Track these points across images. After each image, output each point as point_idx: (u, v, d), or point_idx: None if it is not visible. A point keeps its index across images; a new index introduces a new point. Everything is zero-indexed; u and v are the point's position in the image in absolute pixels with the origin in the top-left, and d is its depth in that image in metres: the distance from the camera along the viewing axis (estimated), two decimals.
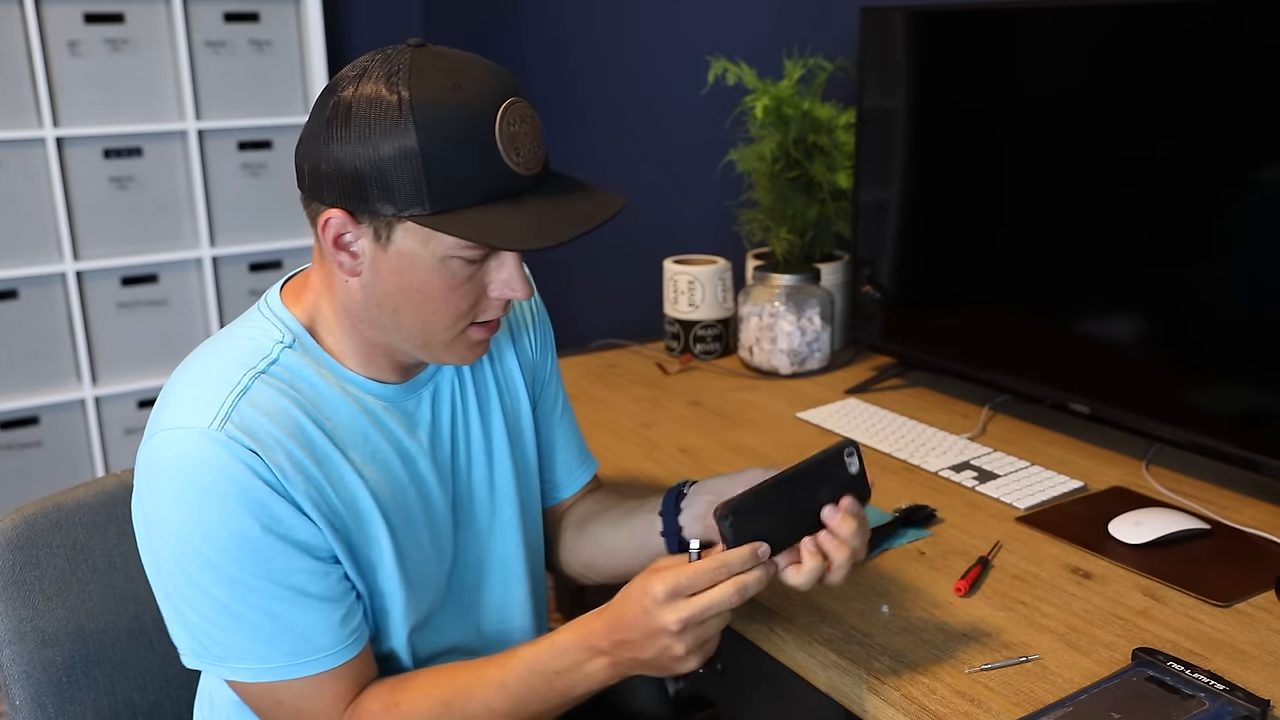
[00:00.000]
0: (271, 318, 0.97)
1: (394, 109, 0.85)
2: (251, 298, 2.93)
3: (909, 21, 1.58)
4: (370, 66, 0.88)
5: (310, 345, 0.96)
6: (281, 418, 0.91)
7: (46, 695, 1.10)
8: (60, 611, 1.11)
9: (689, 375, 1.81)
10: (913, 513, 1.25)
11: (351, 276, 0.92)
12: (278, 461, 0.89)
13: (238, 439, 0.88)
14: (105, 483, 1.17)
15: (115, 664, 1.15)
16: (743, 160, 1.82)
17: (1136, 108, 1.31)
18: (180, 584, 0.90)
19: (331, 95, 0.89)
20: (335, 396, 0.95)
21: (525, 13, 2.83)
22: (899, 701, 0.95)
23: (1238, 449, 1.27)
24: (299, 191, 0.94)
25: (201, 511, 0.87)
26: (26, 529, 1.10)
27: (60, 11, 2.59)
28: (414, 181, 0.85)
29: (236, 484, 0.87)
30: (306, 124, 0.92)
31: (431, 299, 0.91)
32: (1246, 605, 1.08)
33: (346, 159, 0.87)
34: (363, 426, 0.96)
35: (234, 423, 0.88)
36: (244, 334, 0.96)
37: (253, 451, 0.88)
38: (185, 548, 0.88)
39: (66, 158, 2.66)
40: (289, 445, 0.90)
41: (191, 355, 0.97)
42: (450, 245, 0.89)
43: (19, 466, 2.75)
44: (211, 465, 0.87)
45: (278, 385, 0.92)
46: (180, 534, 0.88)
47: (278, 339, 0.95)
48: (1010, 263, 1.52)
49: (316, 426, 0.93)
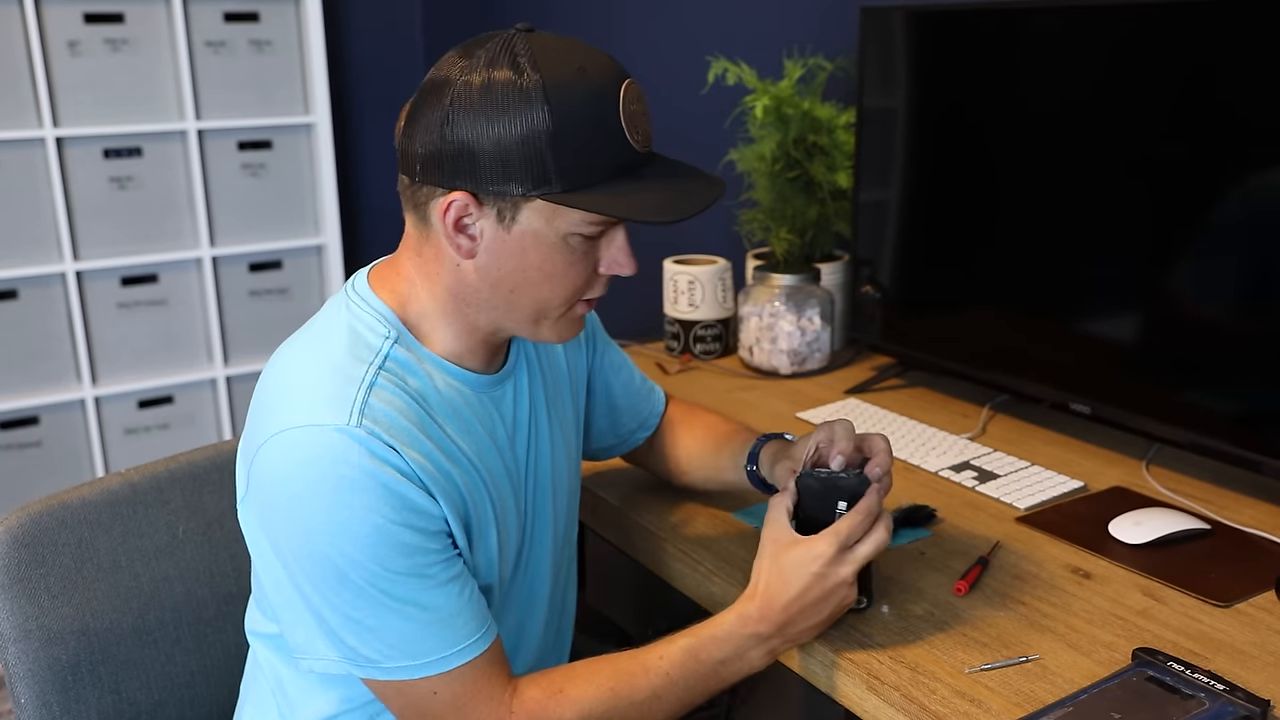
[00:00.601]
0: (368, 309, 0.97)
1: (527, 92, 0.87)
2: (252, 297, 2.94)
3: (909, 21, 1.58)
4: (485, 52, 0.90)
5: (408, 337, 0.97)
6: (406, 413, 0.92)
7: (51, 693, 1.10)
8: (65, 610, 1.11)
9: (689, 375, 1.81)
10: (913, 513, 1.25)
11: (467, 259, 0.94)
12: (412, 454, 0.90)
13: (376, 434, 0.88)
14: (110, 481, 1.17)
15: (120, 662, 1.15)
16: (743, 160, 1.82)
17: (1137, 107, 1.31)
18: (323, 589, 0.90)
19: (449, 81, 0.90)
20: (440, 391, 0.97)
21: (525, 13, 2.83)
22: (899, 701, 0.95)
23: (1238, 449, 1.27)
24: (405, 179, 0.95)
25: (345, 509, 0.87)
26: (32, 527, 1.10)
27: (60, 11, 2.59)
28: (543, 161, 0.87)
29: (376, 479, 0.88)
30: (414, 111, 0.93)
31: (552, 276, 0.93)
32: (1246, 605, 1.08)
33: (475, 141, 0.88)
34: (466, 418, 0.98)
35: (369, 418, 0.89)
36: (347, 327, 0.96)
37: (390, 446, 0.89)
38: (329, 548, 0.88)
39: (66, 158, 2.66)
40: (418, 438, 0.91)
41: (288, 351, 0.97)
42: (576, 222, 0.91)
43: (19, 466, 2.75)
44: (351, 461, 0.87)
45: (395, 381, 0.93)
46: (322, 535, 0.88)
47: (384, 334, 0.95)
48: (1010, 262, 1.52)
49: (432, 419, 0.94)
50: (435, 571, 0.91)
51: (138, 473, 1.19)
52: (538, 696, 0.95)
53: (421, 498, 0.90)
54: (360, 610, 0.90)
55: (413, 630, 0.91)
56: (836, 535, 0.95)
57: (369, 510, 0.87)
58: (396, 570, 0.89)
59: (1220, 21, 1.22)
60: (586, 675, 0.96)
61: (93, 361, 2.79)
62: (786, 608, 0.95)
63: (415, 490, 0.90)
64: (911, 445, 1.47)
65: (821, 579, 0.95)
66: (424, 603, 0.91)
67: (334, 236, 2.99)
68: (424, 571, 0.90)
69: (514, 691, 0.95)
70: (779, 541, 0.97)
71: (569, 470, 1.14)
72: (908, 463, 1.42)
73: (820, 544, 0.95)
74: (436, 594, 0.91)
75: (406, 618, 0.90)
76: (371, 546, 0.88)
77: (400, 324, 0.97)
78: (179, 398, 2.91)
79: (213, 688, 1.23)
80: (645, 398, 1.29)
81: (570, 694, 0.95)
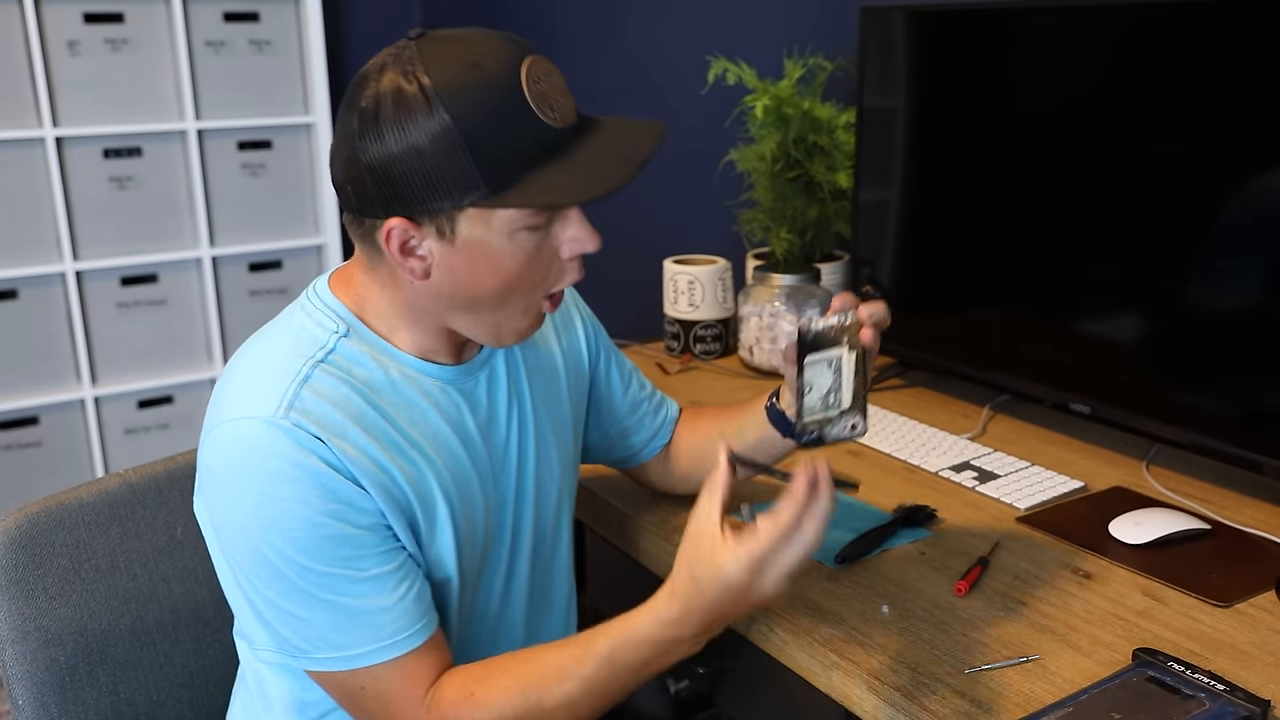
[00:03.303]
0: (323, 307, 0.97)
1: (420, 100, 0.84)
2: (251, 297, 2.94)
3: (909, 21, 1.58)
4: (377, 70, 0.87)
5: (364, 332, 0.96)
6: (343, 404, 0.91)
7: (49, 695, 1.10)
8: (63, 611, 1.11)
9: (689, 375, 1.81)
10: (913, 513, 1.25)
11: (422, 279, 0.92)
12: (343, 446, 0.89)
13: (303, 425, 0.88)
14: (108, 482, 1.17)
15: (118, 664, 1.15)
16: (743, 160, 1.82)
17: (1137, 107, 1.31)
18: (255, 579, 0.91)
19: (354, 105, 0.88)
20: (394, 381, 0.96)
21: (524, 13, 2.83)
22: (899, 701, 0.94)
23: (1238, 449, 1.27)
24: (347, 214, 0.93)
25: (273, 501, 0.87)
26: (30, 528, 1.10)
27: (60, 11, 2.59)
28: (462, 167, 0.85)
29: (304, 470, 0.87)
30: (334, 144, 0.91)
31: (508, 278, 0.91)
32: (1247, 605, 1.08)
33: (389, 163, 0.86)
34: (422, 409, 0.97)
35: (297, 410, 0.88)
36: (297, 325, 0.96)
37: (317, 438, 0.88)
38: (259, 540, 0.89)
39: (66, 158, 2.66)
40: (352, 430, 0.90)
41: (243, 349, 0.97)
42: (513, 219, 0.88)
43: (18, 467, 2.75)
44: (278, 453, 0.87)
45: (337, 373, 0.92)
46: (252, 526, 0.88)
47: (333, 329, 0.95)
48: (1010, 262, 1.52)
49: (377, 412, 0.93)
50: (367, 565, 0.91)
51: (136, 473, 1.19)
52: (450, 699, 0.93)
53: (351, 490, 0.89)
54: (291, 601, 0.90)
55: (340, 622, 0.90)
56: (749, 555, 0.85)
57: (296, 501, 0.87)
58: (325, 562, 0.89)
59: (1221, 22, 1.22)
60: (498, 677, 0.94)
61: (92, 361, 2.79)
62: (705, 614, 0.88)
63: (343, 482, 0.89)
64: (911, 445, 1.47)
65: (738, 594, 0.86)
66: (353, 596, 0.90)
67: (334, 236, 2.99)
68: (353, 565, 0.90)
69: (435, 694, 0.94)
70: (700, 544, 0.88)
71: (561, 465, 1.11)
72: (908, 463, 1.42)
73: (732, 563, 0.85)
74: (366, 588, 0.91)
75: (333, 609, 0.90)
76: (300, 539, 0.88)
77: (357, 320, 0.96)
78: (179, 398, 2.91)
79: (211, 689, 1.22)
80: (656, 409, 1.26)
81: (480, 697, 0.93)
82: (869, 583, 1.13)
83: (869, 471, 1.39)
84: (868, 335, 1.01)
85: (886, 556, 1.18)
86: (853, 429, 1.03)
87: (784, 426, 1.12)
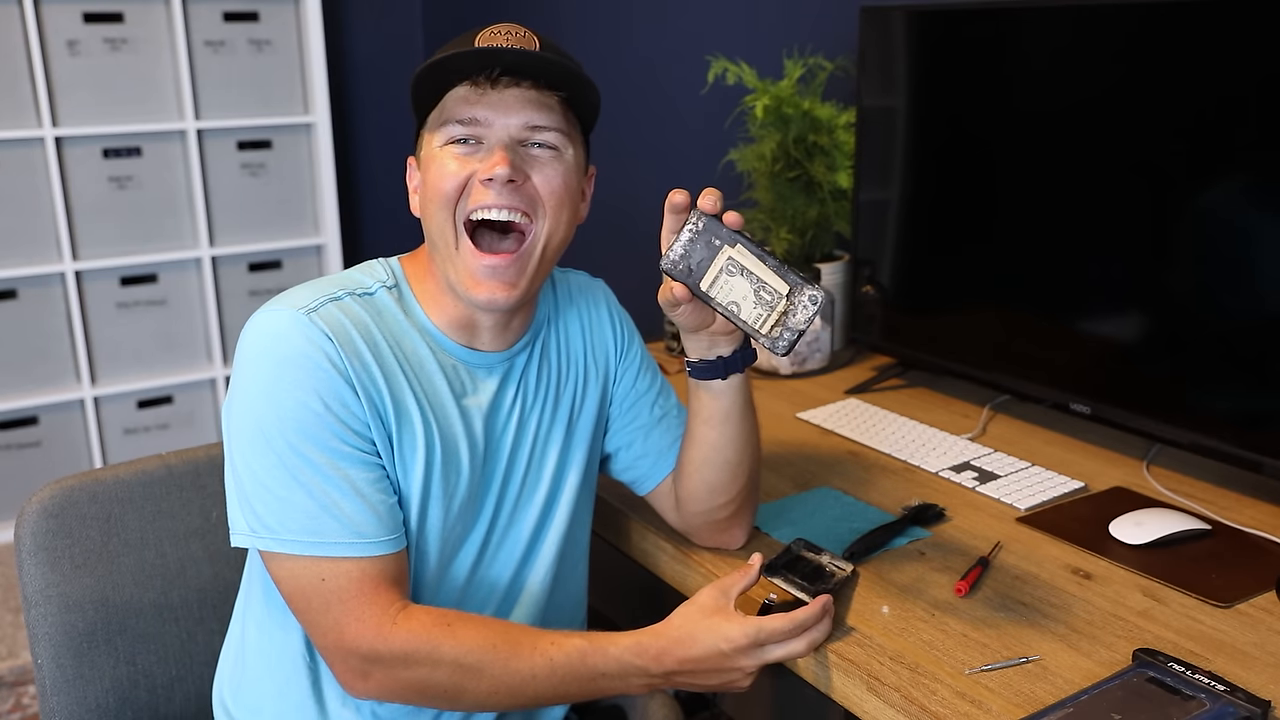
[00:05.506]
0: (381, 264, 1.08)
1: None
2: (251, 297, 2.94)
3: (909, 21, 1.58)
4: None
5: (407, 294, 1.06)
6: (361, 327, 1.00)
7: (66, 657, 1.15)
8: (86, 580, 1.16)
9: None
10: (921, 511, 1.25)
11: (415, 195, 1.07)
12: (347, 351, 0.97)
13: (319, 325, 0.97)
14: (147, 463, 1.22)
15: (137, 635, 1.19)
16: (743, 160, 1.82)
17: (1138, 107, 1.31)
18: (247, 451, 0.96)
19: None
20: (415, 339, 1.04)
21: (524, 13, 2.83)
22: (899, 702, 0.94)
23: (1238, 449, 1.27)
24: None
25: (275, 380, 0.95)
26: (63, 499, 1.16)
27: (59, 11, 2.59)
28: (416, 97, 1.02)
29: (310, 360, 0.96)
30: None
31: (432, 189, 1.01)
32: (1247, 606, 1.08)
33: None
34: (431, 370, 1.04)
35: (320, 314, 0.98)
36: (351, 272, 1.07)
37: (328, 337, 0.97)
38: (260, 412, 0.95)
39: (66, 157, 2.66)
40: (362, 347, 0.99)
41: None
42: (438, 133, 1.01)
43: (18, 466, 2.75)
44: (291, 340, 0.96)
45: (367, 310, 1.02)
46: (258, 400, 0.96)
47: (382, 279, 1.06)
48: (1010, 263, 1.51)
49: (389, 346, 1.01)
50: (351, 463, 0.97)
51: (176, 457, 1.23)
52: (426, 621, 0.96)
53: (346, 390, 0.97)
54: (274, 478, 0.95)
55: (314, 510, 0.95)
56: (758, 630, 0.97)
57: (298, 387, 0.95)
58: (314, 446, 0.95)
59: (1221, 22, 1.22)
60: (481, 623, 0.98)
61: (92, 361, 2.79)
62: (682, 662, 0.97)
63: (341, 382, 0.96)
64: (911, 445, 1.47)
65: (724, 658, 0.97)
66: (331, 488, 0.95)
67: (334, 236, 2.99)
68: (337, 461, 0.96)
69: (405, 609, 0.97)
70: (709, 607, 0.99)
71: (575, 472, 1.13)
72: (908, 463, 1.42)
73: (738, 629, 0.97)
74: (344, 487, 0.96)
75: (312, 495, 0.95)
76: (296, 419, 0.95)
77: (407, 284, 1.06)
78: (178, 398, 2.91)
79: None
80: (672, 430, 1.20)
81: (457, 629, 0.96)
82: (869, 583, 1.12)
83: (869, 471, 1.39)
84: (731, 216, 0.97)
85: (887, 557, 1.18)
86: (813, 301, 0.94)
87: (710, 370, 1.05)
